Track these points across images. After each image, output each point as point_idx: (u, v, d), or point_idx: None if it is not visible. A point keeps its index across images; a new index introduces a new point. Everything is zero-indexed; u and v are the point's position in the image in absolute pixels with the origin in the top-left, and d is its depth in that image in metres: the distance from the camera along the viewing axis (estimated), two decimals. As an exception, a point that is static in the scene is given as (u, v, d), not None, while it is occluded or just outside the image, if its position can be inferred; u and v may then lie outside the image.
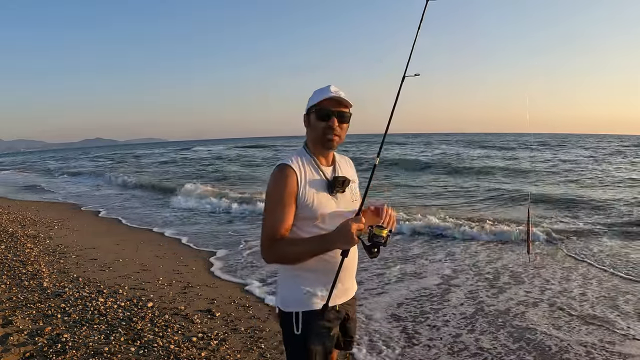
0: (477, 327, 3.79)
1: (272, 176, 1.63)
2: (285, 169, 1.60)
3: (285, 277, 1.70)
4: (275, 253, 1.59)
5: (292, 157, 1.67)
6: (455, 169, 18.80)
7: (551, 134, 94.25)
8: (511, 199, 11.03)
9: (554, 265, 5.53)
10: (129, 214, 10.23)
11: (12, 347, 3.27)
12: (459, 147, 36.42)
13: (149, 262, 5.94)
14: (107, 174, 21.51)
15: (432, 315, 4.04)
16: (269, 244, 1.58)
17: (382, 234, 1.55)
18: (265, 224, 1.60)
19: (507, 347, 3.43)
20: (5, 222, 8.96)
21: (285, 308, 1.67)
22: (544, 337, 3.56)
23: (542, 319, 3.93)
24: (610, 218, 8.39)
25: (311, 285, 1.64)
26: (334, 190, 1.66)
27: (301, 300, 1.64)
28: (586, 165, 19.41)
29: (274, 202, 1.59)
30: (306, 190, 1.61)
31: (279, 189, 1.58)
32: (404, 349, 3.42)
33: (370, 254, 1.57)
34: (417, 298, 4.49)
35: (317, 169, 1.67)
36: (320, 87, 1.69)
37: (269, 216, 1.60)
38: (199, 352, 3.31)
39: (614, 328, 3.71)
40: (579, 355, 3.29)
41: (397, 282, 4.99)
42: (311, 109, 1.66)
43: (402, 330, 3.74)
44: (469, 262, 5.81)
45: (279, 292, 1.74)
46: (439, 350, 3.39)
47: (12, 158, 67.83)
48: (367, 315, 4.04)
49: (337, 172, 1.73)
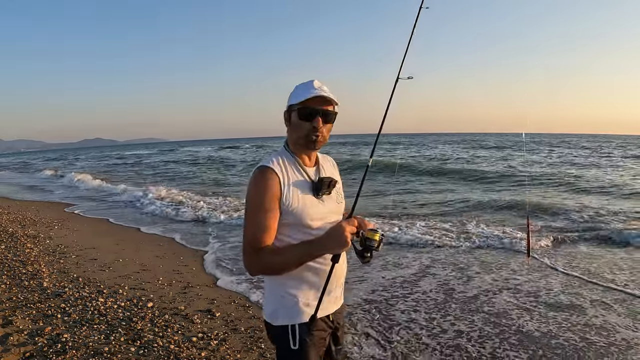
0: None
1: (252, 179, 1.49)
2: (266, 171, 1.47)
3: (273, 287, 1.57)
4: (259, 264, 1.46)
5: (273, 158, 1.54)
6: (441, 170, 18.54)
7: (550, 134, 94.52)
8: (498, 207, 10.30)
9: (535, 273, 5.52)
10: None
11: (12, 347, 3.27)
12: (457, 148, 36.51)
13: (149, 262, 5.94)
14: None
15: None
16: (252, 254, 1.45)
17: (375, 238, 1.49)
18: (247, 232, 1.46)
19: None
20: (5, 222, 8.96)
21: (275, 321, 1.55)
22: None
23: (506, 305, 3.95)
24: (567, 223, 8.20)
25: (303, 294, 1.54)
26: (320, 192, 1.55)
27: (294, 312, 1.53)
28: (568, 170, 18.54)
29: (255, 207, 1.46)
30: (290, 194, 1.49)
31: (260, 193, 1.45)
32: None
33: (363, 259, 1.51)
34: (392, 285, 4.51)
35: (301, 170, 1.56)
36: (303, 82, 1.56)
37: (250, 223, 1.46)
38: (199, 352, 3.31)
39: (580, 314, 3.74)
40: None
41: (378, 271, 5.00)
42: (293, 107, 1.52)
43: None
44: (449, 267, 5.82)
45: (267, 304, 1.60)
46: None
47: (11, 158, 68.33)
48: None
49: (320, 172, 1.62)
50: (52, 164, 37.97)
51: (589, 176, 15.21)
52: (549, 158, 24.72)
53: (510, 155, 26.26)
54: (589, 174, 16.16)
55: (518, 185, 13.85)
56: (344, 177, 1.80)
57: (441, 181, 15.59)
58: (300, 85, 1.55)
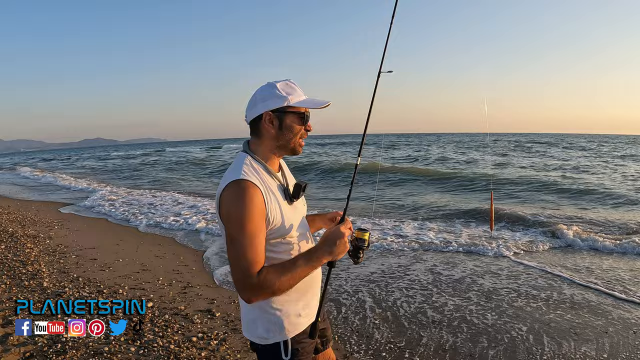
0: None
1: (231, 196, 1.34)
2: (248, 187, 1.33)
3: (256, 306, 1.46)
4: (264, 291, 1.33)
5: (243, 168, 1.39)
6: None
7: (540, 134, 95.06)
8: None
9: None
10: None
11: (12, 347, 3.27)
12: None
13: (149, 262, 5.94)
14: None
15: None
16: (252, 284, 1.31)
17: (365, 237, 1.51)
18: (238, 260, 1.32)
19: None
20: (5, 222, 8.96)
21: (267, 341, 1.48)
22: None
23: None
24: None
25: (293, 306, 1.49)
26: (295, 198, 1.50)
27: (287, 327, 1.47)
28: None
29: (245, 232, 1.31)
30: (273, 206, 1.39)
31: (246, 214, 1.31)
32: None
33: (357, 259, 1.53)
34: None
35: (272, 176, 1.47)
36: (286, 82, 1.47)
37: (243, 251, 1.31)
38: (199, 352, 3.31)
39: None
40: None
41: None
42: (289, 109, 1.44)
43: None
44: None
45: (253, 325, 1.49)
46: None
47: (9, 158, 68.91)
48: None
49: (285, 177, 1.56)
50: (39, 165, 38.61)
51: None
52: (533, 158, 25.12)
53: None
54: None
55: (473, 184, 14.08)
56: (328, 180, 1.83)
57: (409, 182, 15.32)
58: (288, 86, 1.46)
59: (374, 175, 15.04)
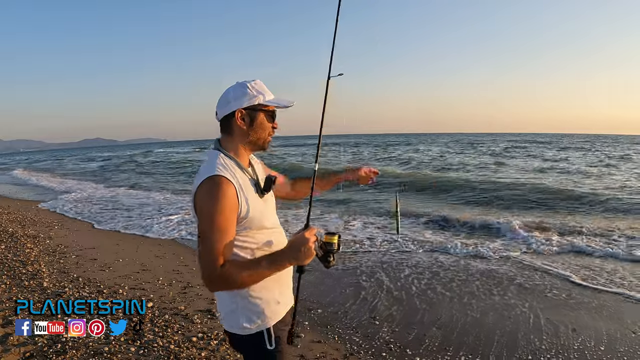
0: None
1: (205, 192, 1.40)
2: (222, 182, 1.39)
3: (234, 297, 1.51)
4: (226, 283, 1.40)
5: (217, 164, 1.45)
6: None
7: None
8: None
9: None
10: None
11: (12, 347, 3.27)
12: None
13: (149, 262, 5.94)
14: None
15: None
16: (216, 275, 1.38)
17: (334, 241, 1.51)
18: (206, 252, 1.38)
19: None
20: (5, 222, 8.95)
21: (248, 330, 1.52)
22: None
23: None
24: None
25: (270, 294, 1.53)
26: (266, 192, 1.55)
27: (268, 314, 1.52)
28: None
29: (215, 225, 1.38)
30: (245, 199, 1.45)
31: (218, 208, 1.37)
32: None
33: (327, 264, 1.53)
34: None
35: (244, 171, 1.53)
36: (256, 81, 1.54)
37: (211, 243, 1.38)
38: (199, 352, 3.31)
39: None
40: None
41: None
42: (259, 107, 1.51)
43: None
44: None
45: (232, 315, 1.53)
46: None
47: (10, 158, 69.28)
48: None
49: (255, 172, 1.61)
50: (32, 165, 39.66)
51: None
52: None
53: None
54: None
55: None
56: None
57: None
58: (259, 86, 1.53)
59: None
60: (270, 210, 1.61)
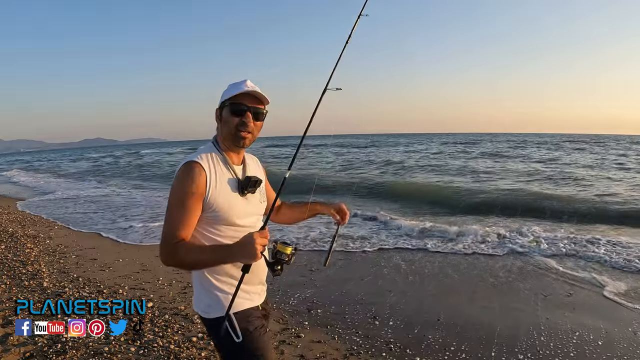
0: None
1: (177, 174, 1.50)
2: (193, 167, 1.49)
3: (202, 280, 1.59)
4: (173, 257, 1.46)
5: (201, 154, 1.55)
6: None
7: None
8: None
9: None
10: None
11: (12, 347, 3.27)
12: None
13: (149, 262, 5.94)
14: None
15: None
16: (168, 247, 1.46)
17: (286, 252, 1.50)
18: (166, 225, 1.48)
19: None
20: (5, 222, 8.95)
21: (209, 314, 1.58)
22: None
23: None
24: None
25: (233, 283, 1.55)
26: (246, 190, 1.58)
27: (225, 301, 1.55)
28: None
29: (178, 202, 1.47)
30: (216, 191, 1.51)
31: (184, 188, 1.47)
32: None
33: (273, 272, 1.52)
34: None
35: (228, 167, 1.58)
36: (235, 82, 1.60)
37: (170, 217, 1.48)
38: (199, 352, 3.31)
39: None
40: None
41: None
42: (224, 103, 1.57)
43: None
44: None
45: (199, 298, 1.62)
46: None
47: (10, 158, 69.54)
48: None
49: (247, 171, 1.65)
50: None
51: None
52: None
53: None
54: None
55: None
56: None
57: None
58: (233, 84, 1.59)
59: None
60: (249, 210, 1.61)
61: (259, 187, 1.64)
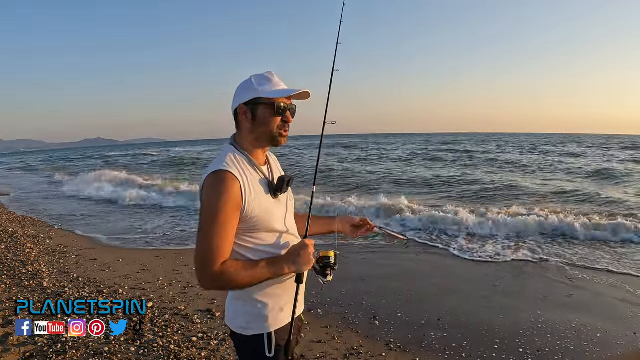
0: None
1: (209, 186, 1.35)
2: (226, 178, 1.34)
3: (240, 296, 1.47)
4: (217, 284, 1.35)
5: (227, 160, 1.39)
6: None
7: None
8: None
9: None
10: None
11: (12, 347, 3.27)
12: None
13: (149, 262, 5.94)
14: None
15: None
16: (210, 273, 1.32)
17: (330, 255, 1.48)
18: (203, 246, 1.33)
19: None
20: (5, 222, 8.95)
21: (247, 331, 1.46)
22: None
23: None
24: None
25: (276, 300, 1.47)
26: (279, 192, 1.48)
27: (269, 320, 1.46)
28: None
29: (213, 219, 1.32)
30: (252, 198, 1.38)
31: (218, 202, 1.32)
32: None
33: (325, 278, 1.49)
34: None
35: (257, 169, 1.46)
36: (262, 74, 1.47)
37: (207, 238, 1.33)
38: (199, 352, 3.31)
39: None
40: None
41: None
42: (260, 100, 1.43)
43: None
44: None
45: (235, 315, 1.50)
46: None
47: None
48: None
49: (272, 170, 1.55)
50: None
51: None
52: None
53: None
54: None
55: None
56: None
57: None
58: (262, 78, 1.46)
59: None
60: (284, 213, 1.52)
61: (291, 185, 1.53)
